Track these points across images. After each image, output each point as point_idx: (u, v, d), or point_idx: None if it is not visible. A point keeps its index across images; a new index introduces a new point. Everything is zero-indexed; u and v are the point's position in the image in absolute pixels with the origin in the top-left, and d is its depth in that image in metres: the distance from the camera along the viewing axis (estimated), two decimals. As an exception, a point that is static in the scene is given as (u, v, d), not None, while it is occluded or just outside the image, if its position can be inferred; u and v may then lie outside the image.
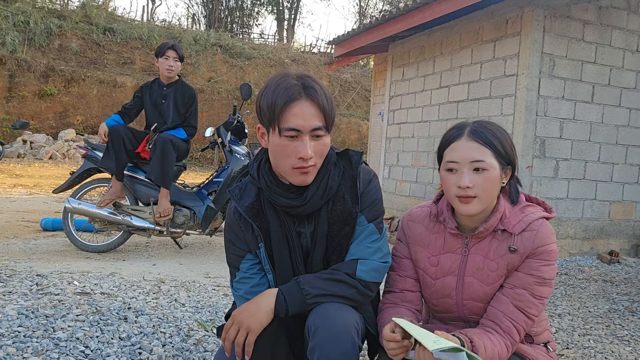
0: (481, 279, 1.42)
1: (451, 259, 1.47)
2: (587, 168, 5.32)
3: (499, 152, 1.37)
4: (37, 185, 9.35)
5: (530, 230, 1.38)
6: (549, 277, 1.37)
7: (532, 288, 1.37)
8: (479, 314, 1.46)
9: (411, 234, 1.55)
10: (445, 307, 1.50)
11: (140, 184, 4.40)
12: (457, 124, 1.45)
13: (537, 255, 1.37)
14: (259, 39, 26.78)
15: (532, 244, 1.37)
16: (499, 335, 1.34)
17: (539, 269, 1.37)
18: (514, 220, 1.40)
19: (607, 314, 3.42)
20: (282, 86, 1.34)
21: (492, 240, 1.42)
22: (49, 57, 16.67)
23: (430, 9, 5.51)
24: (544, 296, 1.38)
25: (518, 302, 1.36)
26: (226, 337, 1.39)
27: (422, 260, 1.52)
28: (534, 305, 1.36)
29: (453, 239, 1.47)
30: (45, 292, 2.88)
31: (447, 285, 1.47)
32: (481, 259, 1.43)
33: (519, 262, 1.39)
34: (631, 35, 5.35)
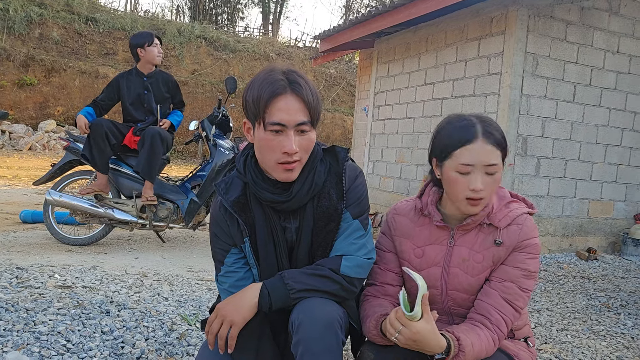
0: (466, 270, 1.45)
1: (436, 250, 1.49)
2: (568, 166, 5.40)
3: (505, 151, 1.41)
4: (16, 176, 9.19)
5: (515, 224, 1.43)
6: (533, 270, 1.42)
7: (519, 281, 1.40)
8: (462, 306, 1.49)
9: (396, 227, 1.56)
10: (430, 299, 1.49)
11: (123, 177, 4.35)
12: (462, 121, 1.41)
13: (522, 249, 1.41)
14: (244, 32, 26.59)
15: (517, 237, 1.41)
16: (488, 329, 1.37)
17: (524, 261, 1.41)
18: (500, 215, 1.44)
19: (584, 310, 3.49)
20: (267, 81, 1.35)
21: (478, 233, 1.46)
22: (28, 46, 16.34)
23: (416, 6, 5.53)
24: (529, 289, 1.42)
25: (507, 295, 1.39)
26: (209, 330, 1.39)
27: (406, 252, 1.53)
28: (521, 297, 1.40)
29: (439, 231, 1.50)
30: (26, 285, 2.84)
31: (432, 276, 1.49)
32: (467, 251, 1.46)
33: (504, 255, 1.42)
34: (612, 36, 5.44)
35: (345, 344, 1.42)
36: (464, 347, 1.27)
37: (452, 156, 1.38)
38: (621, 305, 3.66)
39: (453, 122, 1.44)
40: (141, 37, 4.32)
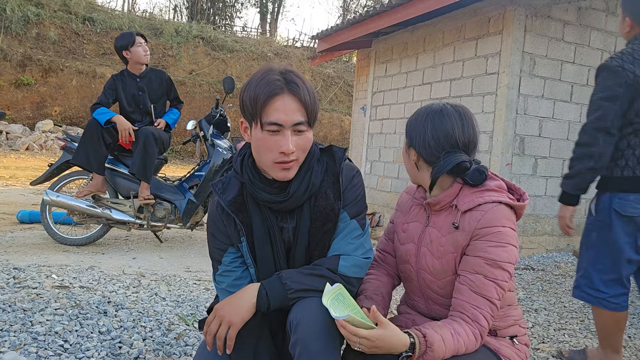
0: (432, 252, 1.48)
1: (415, 227, 1.56)
2: (565, 166, 5.41)
3: (406, 130, 1.54)
4: (13, 176, 9.17)
5: (478, 210, 1.40)
6: (500, 260, 1.35)
7: (484, 271, 1.36)
8: (432, 290, 1.51)
9: (400, 202, 1.69)
10: (407, 274, 1.58)
11: (120, 177, 4.35)
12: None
13: (482, 237, 1.37)
14: (242, 32, 26.57)
15: (476, 224, 1.38)
16: (467, 324, 1.35)
17: (485, 249, 1.36)
18: (466, 199, 1.43)
19: (581, 309, 3.50)
20: (264, 81, 1.35)
21: (448, 216, 1.47)
22: (26, 46, 16.31)
23: (413, 6, 5.54)
24: (499, 279, 1.36)
25: (475, 287, 1.36)
26: (208, 331, 1.39)
27: (397, 225, 1.65)
28: (491, 287, 1.35)
29: (421, 210, 1.56)
30: (23, 285, 2.84)
31: (408, 251, 1.56)
32: (435, 232, 1.48)
33: (464, 242, 1.40)
34: (609, 36, 5.45)
35: (342, 344, 1.42)
36: (432, 342, 1.26)
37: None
38: (618, 305, 3.67)
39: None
40: (123, 39, 4.25)
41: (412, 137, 1.50)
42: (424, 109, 1.52)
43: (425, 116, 1.49)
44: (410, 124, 1.53)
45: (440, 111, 1.48)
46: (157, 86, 4.39)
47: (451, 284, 1.46)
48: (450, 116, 1.46)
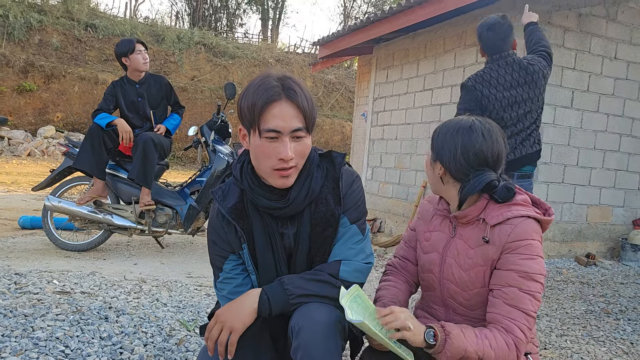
0: (459, 263, 1.48)
1: (440, 237, 1.56)
2: (566, 172, 5.41)
3: (432, 143, 1.53)
4: (15, 182, 9.18)
5: (508, 224, 1.40)
6: (532, 272, 1.36)
7: (518, 283, 1.36)
8: (455, 299, 1.51)
9: (421, 210, 1.71)
10: (430, 283, 1.58)
11: (121, 183, 4.35)
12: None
13: (513, 250, 1.38)
14: (243, 38, 26.67)
15: (507, 237, 1.39)
16: (499, 332, 1.34)
17: (518, 262, 1.37)
18: (494, 212, 1.44)
19: (583, 315, 3.49)
20: (262, 87, 1.34)
21: (475, 229, 1.47)
22: (28, 52, 16.38)
23: (414, 13, 5.56)
24: (533, 291, 1.36)
25: (510, 300, 1.36)
26: (209, 337, 1.39)
27: (419, 233, 1.65)
28: (527, 300, 1.35)
29: (447, 221, 1.56)
30: (24, 291, 2.84)
31: (431, 261, 1.56)
32: (462, 244, 1.48)
33: (495, 256, 1.41)
34: (610, 42, 5.46)
35: (344, 349, 1.42)
36: (449, 331, 1.29)
37: None
38: (620, 311, 3.66)
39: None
40: (123, 46, 4.26)
41: (440, 153, 1.48)
42: (453, 124, 1.49)
43: (454, 132, 1.46)
44: (438, 139, 1.50)
45: (470, 128, 1.45)
46: (157, 92, 4.40)
47: (477, 296, 1.46)
48: (480, 133, 1.44)
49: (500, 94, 2.87)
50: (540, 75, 2.92)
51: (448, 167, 1.46)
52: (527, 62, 2.95)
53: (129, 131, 4.12)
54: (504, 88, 2.88)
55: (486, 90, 2.88)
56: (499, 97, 2.87)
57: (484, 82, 2.90)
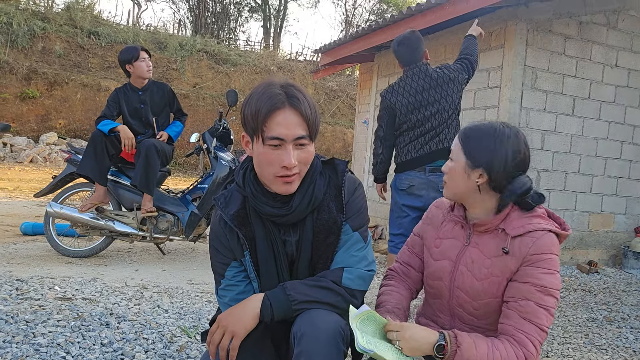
0: (473, 272, 1.46)
1: (453, 245, 1.54)
2: (568, 179, 5.41)
3: (467, 149, 1.46)
4: (17, 188, 9.20)
5: (529, 236, 1.39)
6: (550, 286, 1.36)
7: (535, 297, 1.35)
8: (464, 309, 1.49)
9: (430, 216, 1.68)
10: (439, 290, 1.56)
11: (123, 189, 4.36)
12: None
13: (533, 263, 1.37)
14: (245, 46, 26.77)
15: (528, 250, 1.38)
16: (511, 344, 1.33)
17: (536, 276, 1.36)
18: (516, 224, 1.43)
19: (585, 323, 3.48)
20: (266, 95, 1.35)
21: (493, 239, 1.46)
22: (31, 60, 16.46)
23: (415, 20, 5.59)
24: (549, 306, 1.35)
25: (525, 313, 1.35)
26: (211, 341, 1.39)
27: (428, 239, 1.63)
28: (542, 315, 1.34)
29: (459, 228, 1.55)
30: (26, 297, 2.84)
31: (443, 268, 1.54)
32: (477, 253, 1.47)
33: (513, 267, 1.40)
34: (610, 50, 5.48)
35: (346, 356, 1.42)
36: (461, 342, 1.30)
37: None
38: (623, 319, 3.65)
39: None
40: (127, 53, 4.27)
41: (485, 160, 1.42)
42: (491, 129, 1.46)
43: (501, 139, 1.43)
44: (478, 146, 1.44)
45: (516, 135, 1.45)
46: (159, 99, 4.42)
47: (486, 307, 1.45)
48: (523, 140, 1.46)
49: (406, 99, 3.29)
50: (447, 80, 3.26)
51: (496, 175, 1.42)
52: (433, 69, 3.32)
53: (131, 137, 4.13)
54: (410, 94, 3.29)
55: (394, 98, 3.33)
56: (404, 102, 3.29)
57: (393, 91, 3.36)
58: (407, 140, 3.34)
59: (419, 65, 3.32)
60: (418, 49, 3.32)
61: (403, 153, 3.37)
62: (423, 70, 3.31)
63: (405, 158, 3.35)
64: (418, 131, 3.29)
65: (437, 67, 3.37)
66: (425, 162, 3.27)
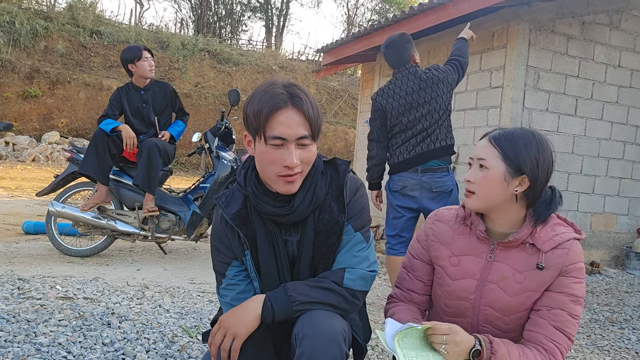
0: (504, 289, 1.42)
1: (474, 262, 1.46)
2: (570, 180, 5.40)
3: (507, 155, 1.36)
4: (19, 187, 9.21)
5: (561, 248, 1.38)
6: (580, 295, 1.37)
7: (568, 307, 1.36)
8: (492, 324, 1.45)
9: (435, 232, 1.55)
10: (460, 310, 1.49)
11: (125, 189, 4.36)
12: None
13: (568, 273, 1.37)
14: (247, 45, 26.77)
15: (563, 261, 1.37)
16: (540, 353, 1.33)
17: (571, 286, 1.36)
18: (544, 237, 1.39)
19: (588, 324, 3.47)
20: (268, 94, 1.35)
21: (521, 252, 1.41)
22: (34, 59, 16.48)
23: (417, 20, 5.58)
24: (578, 315, 1.37)
25: (557, 322, 1.35)
26: (212, 342, 1.39)
27: (442, 258, 1.52)
28: (572, 325, 1.35)
29: (479, 243, 1.47)
30: (27, 296, 2.84)
31: (466, 287, 1.46)
32: (508, 269, 1.42)
33: (550, 280, 1.38)
34: (613, 50, 5.46)
35: (348, 357, 1.41)
36: (496, 349, 1.29)
37: None
38: (625, 320, 3.64)
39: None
40: (130, 52, 4.27)
41: (532, 167, 1.36)
42: (529, 135, 1.40)
43: (545, 145, 1.39)
44: (528, 151, 1.37)
45: (547, 141, 1.42)
46: (161, 98, 4.42)
47: (517, 320, 1.43)
48: (552, 147, 1.43)
49: (397, 102, 3.29)
50: (436, 80, 3.27)
51: (538, 183, 1.37)
52: (422, 71, 3.34)
53: (132, 137, 4.13)
54: (400, 96, 3.29)
55: (384, 100, 3.34)
56: (394, 105, 3.30)
57: (383, 94, 3.37)
58: (399, 142, 3.37)
59: (408, 67, 3.34)
60: (406, 51, 3.35)
61: (395, 155, 3.39)
62: (412, 72, 3.32)
63: (397, 160, 3.38)
64: (410, 133, 3.31)
65: (426, 69, 3.38)
66: (418, 163, 3.30)
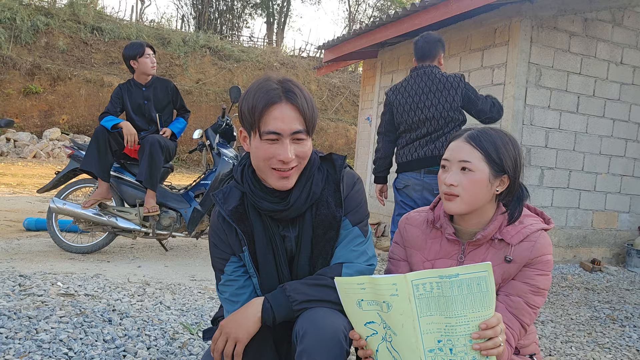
0: None
1: (446, 264, 1.47)
2: (572, 177, 5.39)
3: (490, 157, 1.37)
4: (20, 184, 9.22)
5: (528, 240, 1.39)
6: (543, 287, 1.38)
7: (526, 296, 1.38)
8: None
9: (408, 237, 1.55)
10: None
11: (126, 185, 4.36)
12: (464, 128, 1.48)
13: (533, 265, 1.38)
14: (249, 42, 26.72)
15: (529, 254, 1.38)
16: None
17: (533, 277, 1.38)
18: (512, 231, 1.41)
19: (588, 322, 3.46)
20: (262, 90, 1.35)
21: (489, 249, 1.42)
22: (35, 55, 16.47)
23: (419, 17, 5.56)
24: (537, 305, 1.39)
25: (513, 309, 1.37)
26: (215, 349, 1.39)
27: (416, 264, 1.52)
28: (527, 313, 1.38)
29: (449, 245, 1.48)
30: (28, 293, 2.84)
31: None
32: None
33: (515, 271, 1.40)
34: (615, 47, 5.45)
35: (349, 354, 1.41)
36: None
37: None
38: (626, 317, 3.64)
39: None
40: (132, 49, 4.28)
41: (512, 166, 1.39)
42: (507, 135, 1.42)
43: (515, 142, 1.41)
44: (506, 151, 1.39)
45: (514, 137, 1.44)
46: (163, 95, 4.42)
47: None
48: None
49: (404, 99, 3.32)
50: (450, 87, 3.21)
51: (517, 181, 1.40)
52: (441, 73, 3.29)
53: (133, 134, 4.13)
54: (409, 95, 3.30)
55: (393, 96, 3.40)
56: (402, 102, 3.33)
57: (395, 89, 3.41)
58: (404, 142, 3.41)
59: (426, 67, 3.31)
60: (436, 48, 3.34)
61: (401, 154, 3.44)
62: (428, 72, 3.29)
63: (402, 159, 3.42)
64: (414, 135, 3.33)
65: (450, 74, 3.30)
66: (420, 167, 3.31)
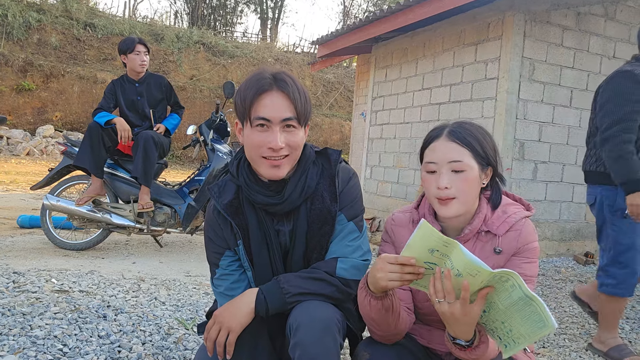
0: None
1: None
2: (565, 171, 5.41)
3: (477, 152, 1.36)
4: (13, 181, 9.17)
5: (514, 230, 1.39)
6: (530, 274, 1.38)
7: None
8: None
9: (396, 238, 1.53)
10: (431, 310, 1.47)
11: (120, 182, 4.35)
12: (437, 125, 1.44)
13: (520, 253, 1.38)
14: (242, 38, 26.64)
15: (516, 243, 1.38)
16: None
17: (521, 266, 1.37)
18: (497, 222, 1.40)
19: (582, 314, 3.49)
20: (254, 79, 1.38)
21: (477, 242, 1.42)
22: (27, 52, 16.37)
23: (413, 12, 5.56)
24: None
25: None
26: (207, 337, 1.39)
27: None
28: None
29: None
30: (23, 289, 2.84)
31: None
32: None
33: (504, 262, 1.40)
34: (608, 41, 5.46)
35: (343, 347, 1.42)
36: (485, 340, 1.26)
37: (423, 158, 1.41)
38: (619, 310, 3.66)
39: (431, 129, 1.47)
40: (124, 44, 4.25)
41: (493, 157, 1.40)
42: (477, 125, 1.42)
43: (485, 129, 1.43)
44: (487, 142, 1.40)
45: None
46: (156, 91, 4.40)
47: None
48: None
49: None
50: (601, 89, 2.75)
51: (499, 169, 1.41)
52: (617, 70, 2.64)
53: (127, 130, 4.12)
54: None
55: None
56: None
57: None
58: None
59: (627, 64, 2.65)
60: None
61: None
62: (620, 70, 2.59)
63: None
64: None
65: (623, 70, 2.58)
66: None
